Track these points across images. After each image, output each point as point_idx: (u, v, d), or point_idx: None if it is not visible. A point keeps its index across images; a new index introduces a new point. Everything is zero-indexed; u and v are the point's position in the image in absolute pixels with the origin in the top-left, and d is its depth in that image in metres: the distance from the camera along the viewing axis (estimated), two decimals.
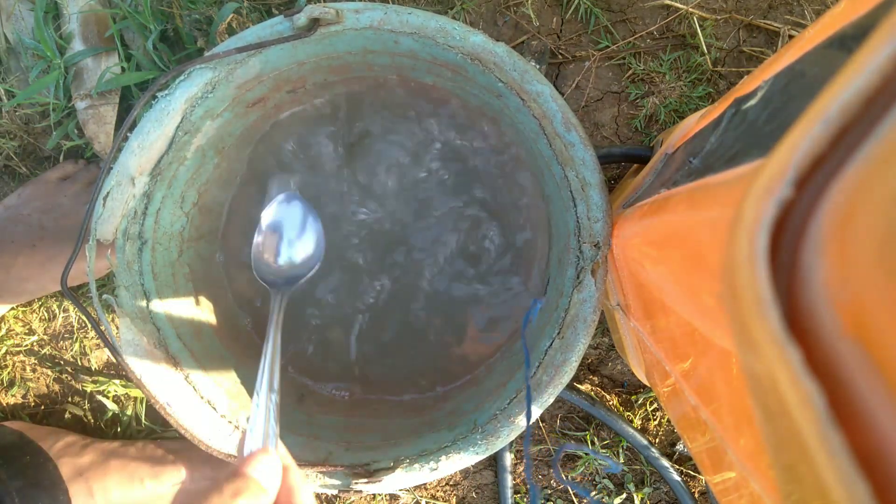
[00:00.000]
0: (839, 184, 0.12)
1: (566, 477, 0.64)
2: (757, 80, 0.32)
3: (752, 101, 0.29)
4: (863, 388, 0.10)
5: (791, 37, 0.59)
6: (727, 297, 0.13)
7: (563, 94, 0.62)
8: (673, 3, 0.60)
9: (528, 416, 0.38)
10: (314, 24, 0.43)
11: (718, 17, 0.60)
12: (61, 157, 0.63)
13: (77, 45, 0.61)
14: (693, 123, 0.46)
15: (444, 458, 0.43)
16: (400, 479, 0.43)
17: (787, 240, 0.13)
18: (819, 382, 0.10)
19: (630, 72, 0.61)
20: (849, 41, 0.22)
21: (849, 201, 0.11)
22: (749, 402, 0.13)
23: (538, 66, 0.62)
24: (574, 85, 0.62)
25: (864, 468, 0.10)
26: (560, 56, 0.62)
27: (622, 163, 0.58)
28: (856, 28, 0.22)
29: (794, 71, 0.27)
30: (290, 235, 0.48)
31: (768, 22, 0.60)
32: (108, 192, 0.43)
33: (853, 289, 0.11)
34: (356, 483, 0.43)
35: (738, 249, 0.12)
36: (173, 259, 0.51)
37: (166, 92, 0.45)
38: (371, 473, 0.43)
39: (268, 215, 0.48)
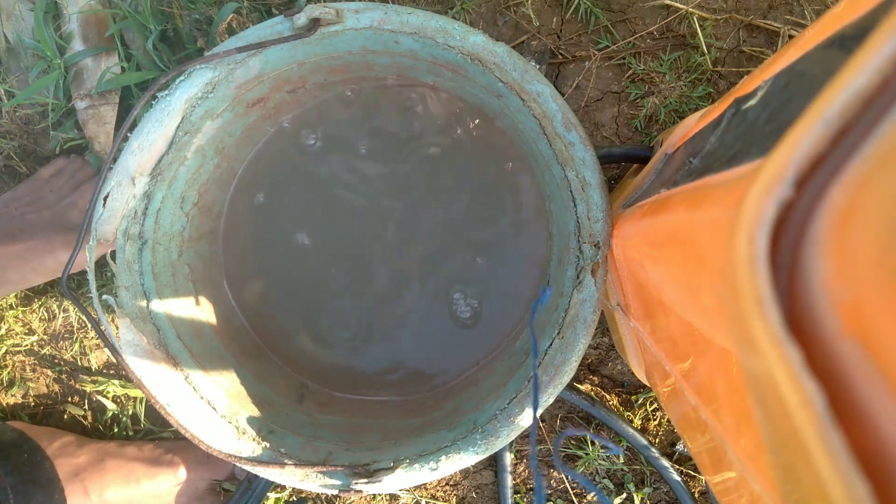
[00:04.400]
0: (839, 184, 0.12)
1: (566, 478, 0.64)
2: (757, 80, 0.32)
3: (752, 101, 0.29)
4: (863, 388, 0.10)
5: (791, 37, 0.59)
6: (727, 297, 0.13)
7: (563, 94, 0.62)
8: (673, 3, 0.60)
9: (535, 406, 0.38)
10: (314, 24, 0.43)
11: (718, 17, 0.60)
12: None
13: (77, 45, 0.61)
14: (693, 123, 0.46)
15: (443, 458, 0.43)
16: (400, 479, 0.43)
17: (787, 240, 0.13)
18: (819, 382, 0.10)
19: (630, 72, 0.61)
20: (849, 41, 0.22)
21: (849, 201, 0.11)
22: (749, 402, 0.13)
23: (538, 66, 0.62)
24: (574, 85, 0.62)
25: (864, 468, 0.10)
26: (560, 56, 0.62)
27: (622, 163, 0.58)
28: (856, 28, 0.22)
29: (794, 71, 0.27)
30: None
31: (768, 22, 0.60)
32: (108, 193, 0.43)
33: (853, 289, 0.11)
34: (356, 483, 0.43)
35: (739, 249, 0.12)
36: (173, 259, 0.51)
37: (166, 92, 0.45)
38: (371, 473, 0.43)
39: None
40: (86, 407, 0.66)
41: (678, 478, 0.61)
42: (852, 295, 0.11)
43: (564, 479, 0.64)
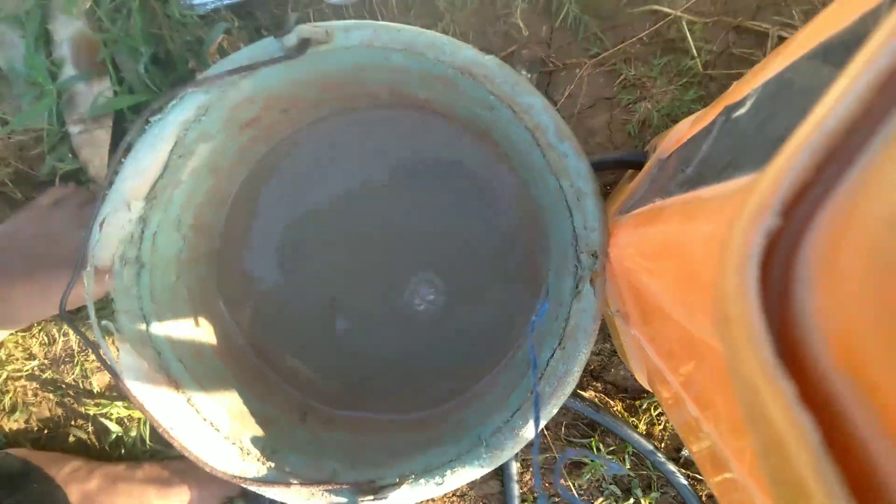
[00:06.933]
0: (826, 212, 0.12)
1: (573, 484, 0.64)
2: (746, 88, 0.32)
3: (742, 110, 0.29)
4: (857, 421, 0.10)
5: (780, 38, 0.59)
6: (720, 324, 0.14)
7: (555, 103, 0.62)
8: (661, 7, 0.60)
9: (537, 422, 0.38)
10: (305, 44, 0.43)
11: (707, 21, 0.60)
12: (56, 182, 0.63)
13: (69, 71, 0.62)
14: (685, 128, 0.47)
15: (449, 472, 0.43)
16: (406, 495, 0.43)
17: (776, 267, 0.13)
18: (813, 415, 0.10)
19: (622, 77, 0.61)
20: (832, 53, 0.22)
21: (836, 230, 0.11)
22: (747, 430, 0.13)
23: (529, 76, 0.62)
24: (566, 93, 0.62)
25: (859, 500, 0.10)
26: (551, 64, 0.62)
27: (617, 169, 0.59)
28: (839, 40, 0.22)
29: (782, 80, 0.27)
30: None
31: (756, 23, 0.60)
32: (104, 219, 0.43)
33: (844, 320, 0.11)
34: (362, 501, 0.43)
35: (728, 282, 0.12)
36: (171, 282, 0.51)
37: (159, 116, 0.45)
38: (377, 490, 0.43)
39: None
40: (90, 430, 0.66)
41: (685, 482, 0.61)
42: (843, 326, 0.11)
43: (571, 486, 0.64)
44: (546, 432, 0.64)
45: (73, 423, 0.66)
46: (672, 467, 0.60)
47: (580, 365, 0.42)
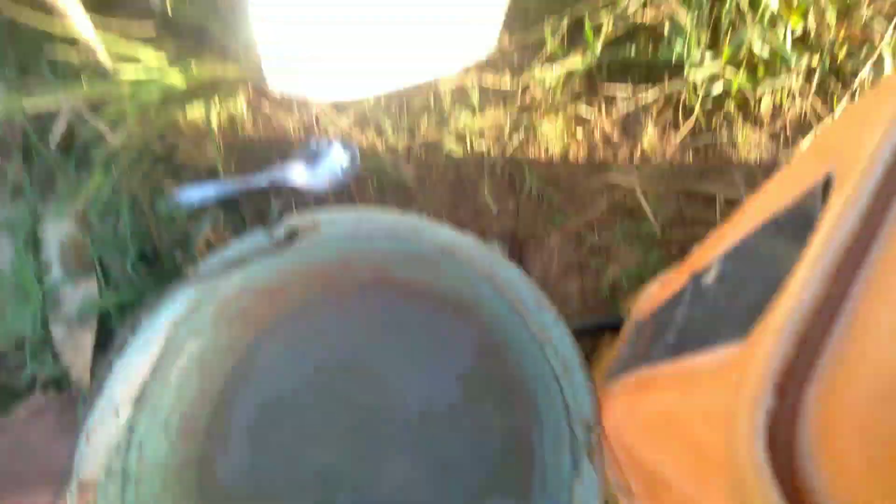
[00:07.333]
0: (812, 391, 0.13)
1: None
2: (708, 255, 0.35)
3: (709, 280, 0.32)
4: None
5: (726, 200, 0.65)
6: (738, 500, 0.14)
7: (528, 273, 0.65)
8: (616, 181, 0.66)
9: None
10: (293, 234, 0.46)
11: (659, 189, 0.66)
12: (36, 390, 0.62)
13: (56, 272, 0.63)
14: (656, 291, 0.49)
15: None
16: None
17: (782, 437, 0.14)
18: None
19: (588, 244, 0.65)
20: (784, 227, 0.25)
21: (825, 411, 0.12)
22: None
23: (503, 248, 0.66)
24: (538, 262, 0.65)
25: None
26: (521, 236, 0.66)
27: (597, 333, 0.60)
28: (787, 215, 0.25)
29: (742, 250, 0.29)
30: None
31: (703, 188, 0.66)
32: (91, 428, 0.42)
33: (854, 497, 0.11)
34: None
35: (741, 461, 0.13)
36: (157, 492, 0.48)
37: (149, 315, 0.45)
38: None
39: None
40: None
41: None
42: (851, 500, 0.11)
43: None
44: None
45: None
46: None
47: None
